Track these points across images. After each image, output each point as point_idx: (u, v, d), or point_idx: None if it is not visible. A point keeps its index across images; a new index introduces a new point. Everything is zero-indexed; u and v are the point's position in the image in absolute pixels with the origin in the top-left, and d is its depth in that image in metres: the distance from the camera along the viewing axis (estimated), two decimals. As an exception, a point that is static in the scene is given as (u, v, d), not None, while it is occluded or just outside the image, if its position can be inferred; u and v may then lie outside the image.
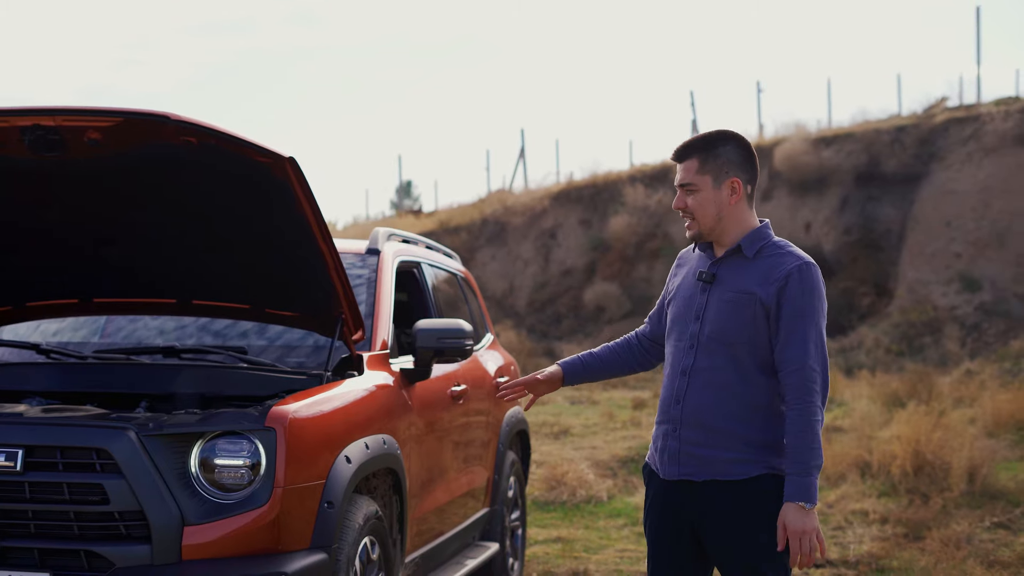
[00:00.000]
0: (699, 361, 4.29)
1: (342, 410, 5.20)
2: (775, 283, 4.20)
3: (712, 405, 4.25)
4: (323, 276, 5.29)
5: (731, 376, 4.25)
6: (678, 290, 4.46)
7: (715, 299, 4.31)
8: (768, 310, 4.20)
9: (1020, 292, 22.96)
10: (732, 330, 4.25)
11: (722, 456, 4.23)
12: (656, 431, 4.43)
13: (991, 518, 9.72)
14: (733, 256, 4.32)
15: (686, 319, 4.36)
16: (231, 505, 4.64)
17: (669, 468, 4.32)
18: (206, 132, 4.76)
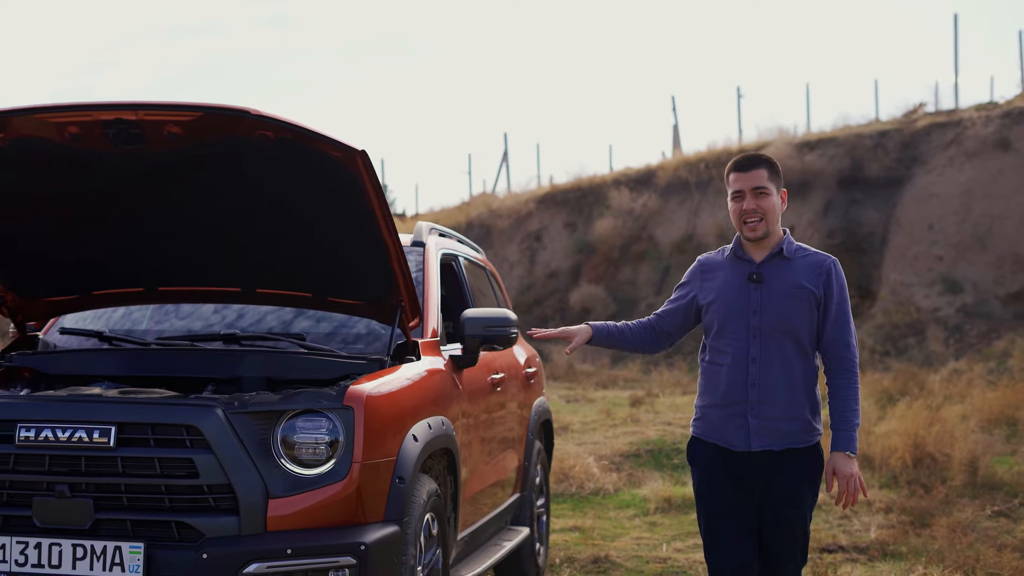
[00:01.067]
0: (765, 349, 5.04)
1: (408, 392, 5.46)
2: (820, 277, 5.04)
3: (782, 385, 5.03)
4: (385, 265, 5.54)
5: (792, 358, 5.04)
6: (721, 292, 5.14)
7: (770, 295, 5.05)
8: (819, 300, 5.02)
9: (1001, 294, 23.35)
10: (792, 319, 5.02)
11: (795, 428, 5.03)
12: (718, 412, 5.12)
13: (992, 507, 10.05)
14: (775, 258, 5.08)
15: (743, 314, 5.06)
16: (312, 479, 4.89)
17: (753, 441, 5.04)
18: (282, 126, 5.01)
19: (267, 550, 4.74)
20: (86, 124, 5.12)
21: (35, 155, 5.33)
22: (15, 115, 5.15)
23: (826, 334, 5.05)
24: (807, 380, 5.06)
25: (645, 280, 28.51)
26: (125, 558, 4.74)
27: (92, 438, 4.83)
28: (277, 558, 4.74)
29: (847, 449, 4.94)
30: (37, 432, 4.86)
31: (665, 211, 29.24)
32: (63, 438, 4.84)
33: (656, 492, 11.02)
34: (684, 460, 12.55)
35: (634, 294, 28.35)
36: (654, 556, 8.81)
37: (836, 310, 5.04)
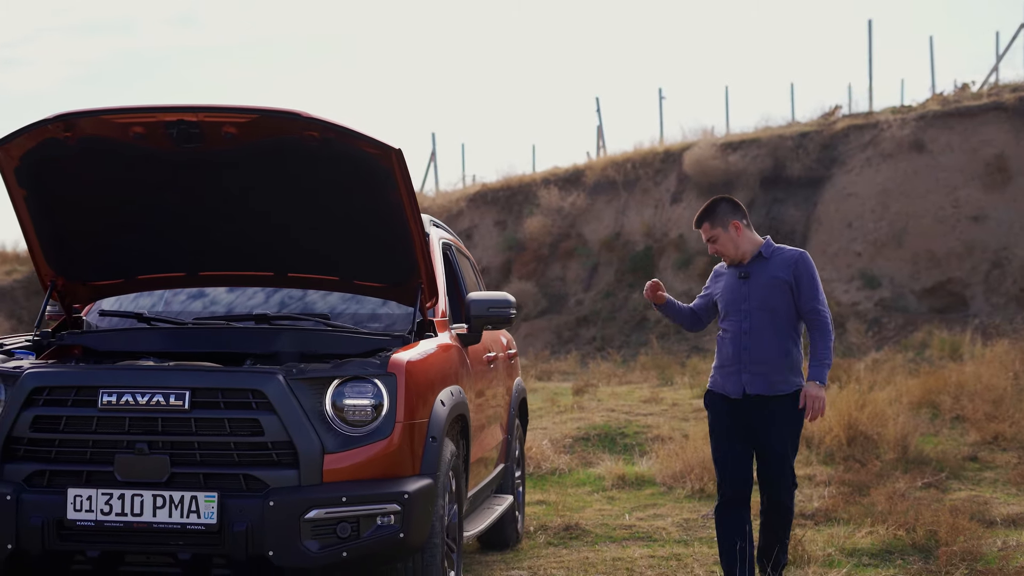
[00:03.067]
0: (753, 324, 6.85)
1: (434, 362, 6.18)
2: (790, 267, 6.85)
3: (766, 349, 6.82)
4: (410, 252, 6.24)
5: (772, 331, 6.84)
6: (724, 289, 6.99)
7: (755, 286, 6.87)
8: (791, 285, 6.82)
9: (916, 289, 24.44)
10: (771, 301, 6.83)
11: (779, 379, 6.81)
12: (722, 372, 6.96)
13: (922, 479, 10.93)
14: (757, 261, 6.92)
15: (737, 302, 6.91)
16: (360, 437, 5.58)
17: (750, 388, 6.83)
18: (328, 127, 5.70)
19: (325, 498, 5.43)
20: (150, 124, 5.77)
21: (98, 152, 5.96)
22: (85, 116, 5.80)
23: (802, 306, 6.84)
24: (788, 344, 6.82)
25: (574, 277, 29.33)
26: (201, 506, 5.40)
27: (169, 401, 5.48)
28: (334, 505, 5.43)
29: (818, 379, 6.70)
30: (119, 397, 5.51)
31: (593, 210, 30.06)
32: (142, 402, 5.49)
33: (610, 471, 11.77)
34: (631, 442, 13.45)
35: (563, 290, 29.16)
36: (619, 524, 9.56)
37: (806, 288, 6.83)
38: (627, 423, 14.49)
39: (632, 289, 27.78)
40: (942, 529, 8.30)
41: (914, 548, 8.27)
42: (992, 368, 16.13)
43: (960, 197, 24.70)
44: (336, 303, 7.31)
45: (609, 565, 7.97)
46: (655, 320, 26.69)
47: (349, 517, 5.46)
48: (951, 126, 25.41)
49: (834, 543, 8.42)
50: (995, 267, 23.96)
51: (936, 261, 24.47)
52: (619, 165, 30.33)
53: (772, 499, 6.88)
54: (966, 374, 15.79)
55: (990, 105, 25.28)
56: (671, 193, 28.93)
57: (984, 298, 23.81)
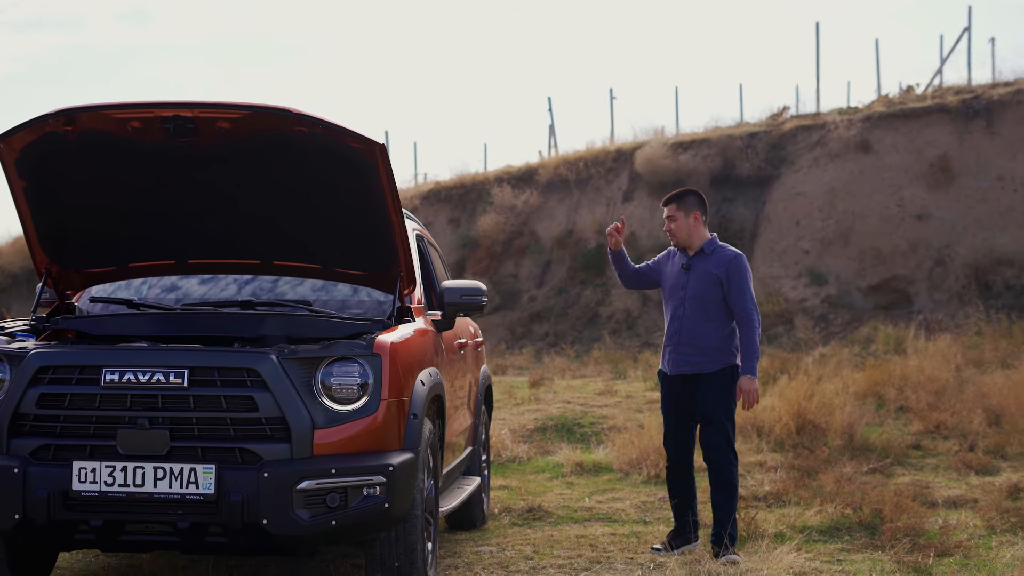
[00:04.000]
0: (687, 311, 7.87)
1: (415, 344, 6.56)
2: (724, 265, 7.82)
3: (696, 334, 7.84)
4: (390, 241, 6.62)
5: (702, 317, 7.84)
6: (668, 275, 8.02)
7: (693, 277, 7.87)
8: (722, 280, 7.80)
9: (862, 286, 25.04)
10: (704, 292, 7.83)
11: (704, 360, 7.83)
12: (666, 351, 8.01)
13: (868, 465, 11.42)
14: (699, 255, 7.91)
15: (676, 289, 7.93)
16: (348, 414, 5.96)
17: (676, 369, 7.91)
18: (316, 122, 6.07)
19: (315, 470, 5.81)
20: (148, 120, 6.13)
21: (96, 146, 6.30)
22: (86, 111, 6.14)
23: (731, 302, 7.80)
24: (717, 329, 7.81)
25: (527, 274, 29.75)
26: (199, 477, 5.77)
27: (168, 379, 5.85)
28: (324, 476, 5.81)
29: (750, 373, 7.73)
30: (121, 375, 5.87)
31: (546, 207, 30.49)
32: (143, 380, 5.85)
33: (568, 458, 12.18)
34: (588, 432, 13.86)
35: (517, 287, 29.57)
36: (580, 506, 9.98)
37: (735, 286, 7.79)
38: (583, 414, 14.91)
39: (584, 286, 28.24)
40: (887, 508, 8.78)
41: (860, 525, 8.74)
42: (934, 361, 16.70)
43: (905, 196, 25.33)
44: (306, 292, 7.68)
45: (573, 541, 8.38)
46: (607, 316, 27.14)
47: (338, 488, 5.84)
48: (896, 127, 26.06)
49: (785, 521, 8.88)
50: (938, 265, 24.59)
51: (881, 259, 25.07)
52: (571, 164, 30.77)
53: (709, 461, 7.84)
54: (910, 367, 16.31)
55: (934, 107, 25.94)
56: (623, 192, 29.40)
57: (928, 295, 24.42)
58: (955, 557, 7.75)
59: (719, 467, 7.79)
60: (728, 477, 7.77)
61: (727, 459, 7.79)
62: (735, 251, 7.90)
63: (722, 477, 7.78)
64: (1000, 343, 19.02)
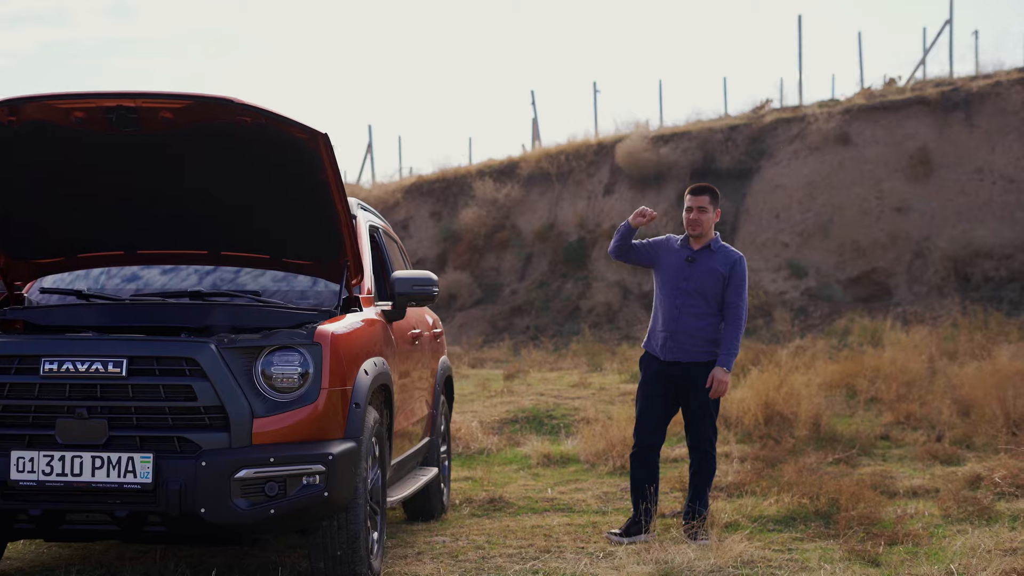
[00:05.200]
0: (686, 301, 8.14)
1: (359, 334, 6.57)
2: (729, 265, 8.17)
3: (693, 324, 8.14)
4: (336, 231, 6.62)
5: (703, 311, 8.15)
6: (670, 264, 8.21)
7: (699, 272, 8.14)
8: (725, 278, 8.15)
9: (842, 278, 25.07)
10: (707, 287, 8.13)
11: (697, 350, 8.15)
12: (657, 336, 8.23)
13: (833, 455, 11.44)
14: (705, 250, 8.21)
15: (677, 279, 8.17)
16: (288, 403, 5.97)
17: (671, 355, 8.16)
18: (260, 112, 6.06)
19: (254, 459, 5.82)
20: (91, 110, 6.11)
21: (41, 136, 6.29)
22: (29, 102, 6.13)
23: (725, 299, 8.16)
24: (711, 323, 8.14)
25: (509, 267, 29.74)
26: (137, 466, 5.78)
27: (107, 369, 5.85)
28: (262, 465, 5.82)
29: (725, 366, 8.06)
30: (59, 365, 5.86)
31: (527, 201, 30.48)
32: (82, 369, 5.85)
33: (536, 450, 12.19)
34: (558, 425, 13.87)
35: (498, 280, 29.56)
36: (542, 497, 9.99)
37: (735, 285, 8.16)
38: (555, 406, 14.93)
39: (565, 279, 28.25)
40: (843, 497, 8.80)
41: (816, 515, 8.76)
42: (908, 353, 16.73)
43: (884, 189, 25.36)
44: (267, 283, 7.68)
45: (528, 532, 8.39)
46: (588, 309, 27.14)
47: (276, 477, 5.85)
48: (876, 120, 26.08)
49: (742, 511, 8.89)
50: (917, 257, 24.62)
51: (861, 251, 25.10)
52: (553, 157, 30.76)
53: (698, 447, 8.23)
54: (884, 359, 16.35)
55: (914, 99, 25.96)
56: (604, 185, 29.41)
57: (907, 287, 24.46)
58: (906, 546, 7.77)
59: (707, 453, 8.25)
60: (712, 462, 8.30)
61: (713, 445, 8.29)
62: (738, 252, 8.29)
63: (708, 462, 8.26)
64: (975, 335, 19.04)
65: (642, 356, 8.41)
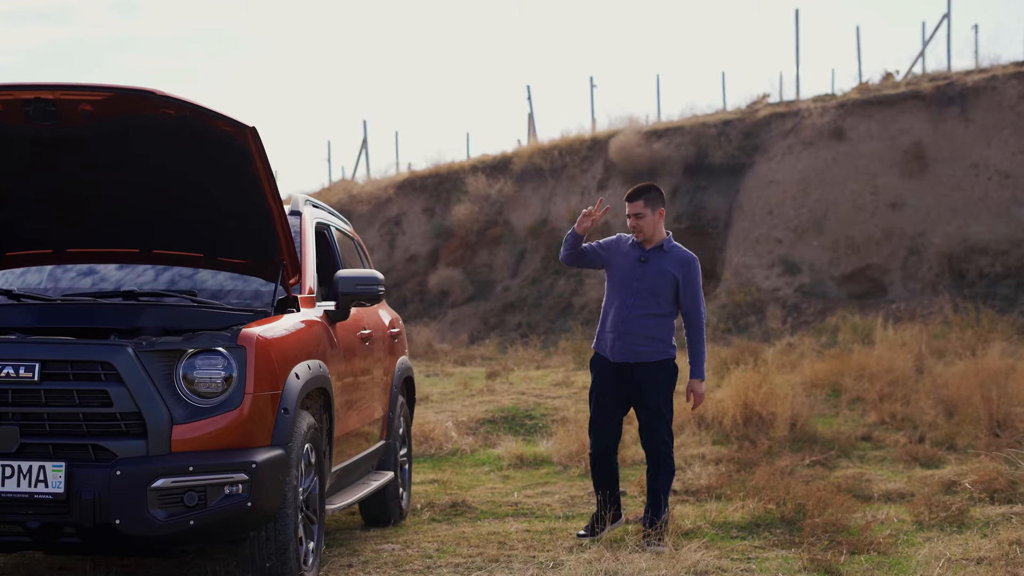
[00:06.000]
0: (636, 301, 7.97)
1: (290, 336, 6.30)
2: (682, 267, 8.00)
3: (643, 324, 7.97)
4: (270, 228, 6.36)
5: (654, 311, 7.97)
6: (621, 264, 8.05)
7: (650, 272, 7.98)
8: (677, 281, 7.98)
9: (836, 275, 24.78)
10: (659, 288, 7.97)
11: (647, 350, 7.98)
12: (606, 337, 8.07)
13: (810, 457, 11.17)
14: (657, 251, 8.03)
15: (629, 280, 8.01)
16: (210, 408, 5.71)
17: (620, 356, 8.00)
18: (183, 105, 5.80)
19: (172, 467, 5.56)
20: (8, 102, 5.85)
21: None
22: None
23: (683, 304, 8.02)
24: (662, 323, 7.98)
25: (501, 263, 29.48)
26: (49, 476, 5.52)
27: (19, 373, 5.59)
28: (180, 474, 5.56)
29: (698, 376, 8.03)
30: None
31: (520, 197, 30.22)
32: None
33: (509, 451, 11.94)
34: (536, 424, 13.62)
35: (490, 276, 29.30)
36: (506, 501, 9.73)
37: (690, 289, 8.00)
38: (535, 405, 14.67)
39: (558, 276, 27.98)
40: (809, 503, 8.52)
41: (782, 521, 8.49)
42: (896, 351, 16.46)
43: (879, 184, 25.07)
44: (224, 281, 7.40)
45: (483, 539, 8.13)
46: (580, 307, 26.89)
47: (196, 486, 5.59)
48: (870, 114, 25.78)
49: (707, 517, 8.62)
50: (912, 253, 24.34)
51: (855, 247, 24.81)
52: (546, 153, 30.50)
53: (651, 448, 8.05)
54: (872, 357, 16.08)
55: (908, 94, 25.66)
56: (597, 180, 29.14)
57: (902, 284, 24.18)
58: (870, 555, 7.50)
59: (663, 455, 8.05)
60: (670, 464, 8.07)
61: (669, 447, 8.07)
62: (690, 253, 8.12)
63: (665, 464, 8.05)
64: (966, 333, 18.76)
65: (592, 357, 8.27)
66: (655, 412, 8.01)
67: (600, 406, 8.16)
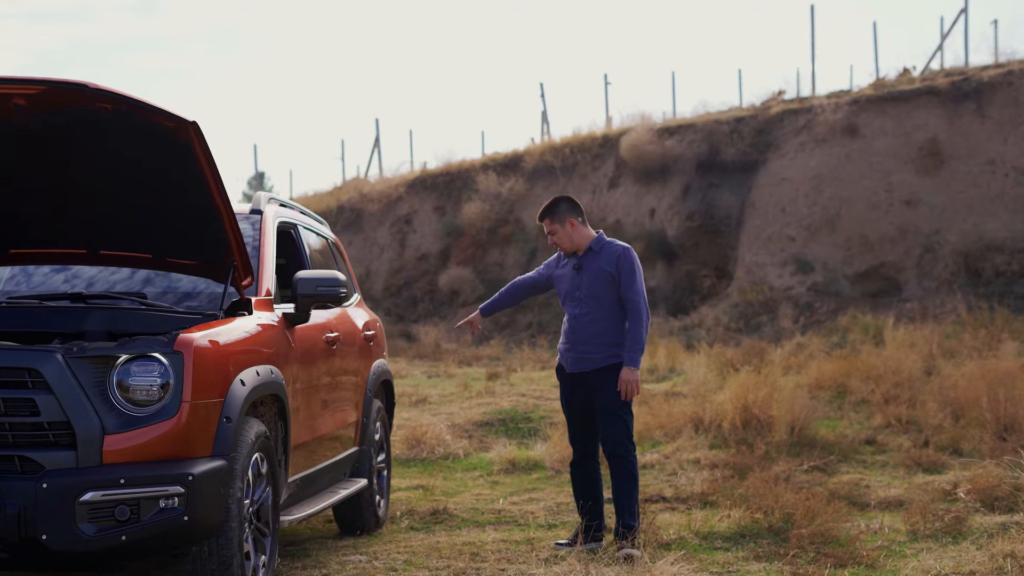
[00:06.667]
0: (582, 310, 7.86)
1: (237, 341, 6.00)
2: (614, 261, 7.81)
3: (592, 332, 7.84)
4: (218, 228, 6.06)
5: (600, 315, 7.83)
6: (562, 277, 7.99)
7: (586, 277, 7.86)
8: (614, 277, 7.79)
9: (849, 273, 24.37)
10: (598, 290, 7.82)
11: (601, 356, 7.80)
12: (563, 348, 8.00)
13: (809, 462, 10.82)
14: (588, 254, 7.89)
15: (572, 290, 7.92)
16: (145, 417, 5.42)
17: (575, 366, 7.88)
18: (119, 99, 5.51)
19: (102, 480, 5.27)
20: None
21: None
22: None
23: (622, 294, 7.80)
24: (613, 326, 7.81)
25: (512, 262, 29.15)
26: None
27: None
28: (111, 487, 5.27)
29: (631, 364, 7.71)
30: None
31: (531, 195, 29.89)
32: None
33: (502, 455, 11.62)
34: (533, 427, 13.27)
35: (502, 275, 28.95)
36: (490, 508, 9.41)
37: (625, 278, 7.79)
38: (534, 407, 14.35)
39: (569, 275, 27.61)
40: (798, 512, 8.18)
41: (769, 531, 8.16)
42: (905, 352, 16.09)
43: (893, 181, 24.65)
44: (198, 283, 7.10)
45: (456, 549, 7.82)
46: (591, 306, 26.53)
47: (128, 500, 5.31)
48: (885, 110, 25.34)
49: (691, 527, 8.30)
50: (927, 251, 23.94)
51: (869, 245, 24.41)
52: (558, 151, 30.17)
53: (609, 453, 7.80)
54: (881, 358, 15.72)
55: (923, 89, 25.22)
56: (608, 178, 28.80)
57: (916, 282, 23.79)
58: (856, 568, 7.16)
59: (621, 460, 7.78)
60: (630, 469, 7.77)
61: (628, 451, 7.79)
62: (623, 245, 7.93)
63: (624, 469, 7.76)
64: (979, 332, 18.37)
65: (556, 368, 8.20)
66: (610, 415, 7.79)
67: (568, 415, 8.12)
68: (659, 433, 12.45)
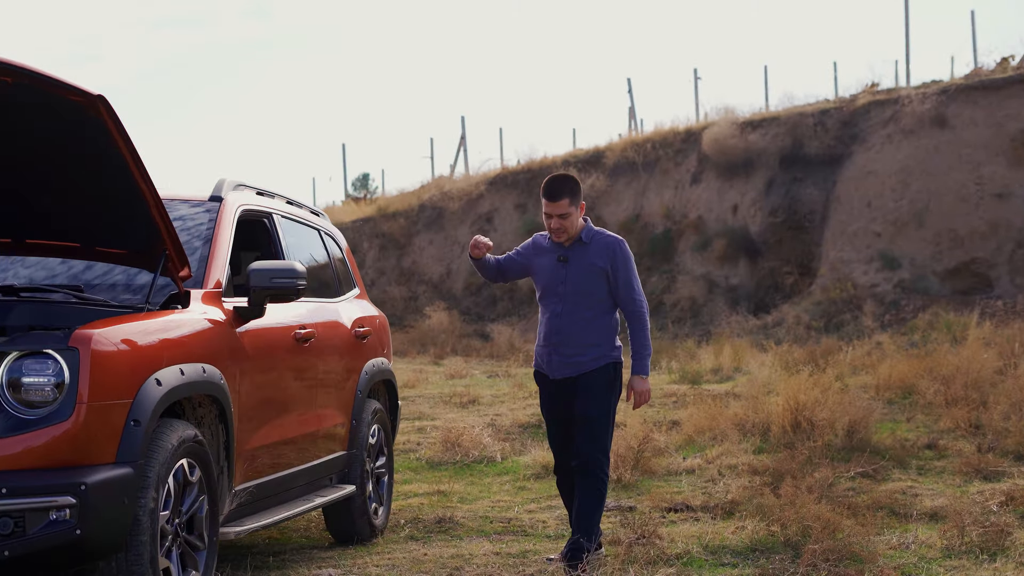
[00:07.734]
0: (565, 307, 7.10)
1: (156, 336, 5.47)
2: (608, 255, 7.08)
3: (578, 332, 7.09)
4: (144, 214, 5.55)
5: (585, 314, 7.10)
6: (543, 268, 7.20)
7: (573, 271, 7.09)
8: (607, 272, 7.08)
9: (938, 269, 23.39)
10: (586, 286, 7.07)
11: (588, 358, 7.08)
12: (542, 351, 7.25)
13: (856, 468, 10.06)
14: (577, 244, 7.13)
15: (554, 285, 7.13)
16: (36, 420, 4.91)
17: (557, 372, 7.16)
18: (18, 71, 5.00)
19: None
20: None
21: None
22: None
23: (618, 295, 7.11)
24: (599, 325, 7.09)
25: (592, 260, 28.53)
26: None
27: None
28: None
29: (641, 373, 7.09)
30: None
31: (613, 191, 29.26)
32: None
33: (536, 459, 11.03)
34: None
35: (581, 274, 28.38)
36: (501, 517, 8.83)
37: (622, 277, 7.08)
38: (585, 409, 13.72)
39: (650, 272, 26.97)
40: (816, 525, 7.47)
41: (785, 545, 7.45)
42: (984, 351, 15.21)
43: (984, 174, 23.60)
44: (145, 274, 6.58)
45: (439, 563, 7.23)
46: (671, 304, 25.91)
47: (12, 511, 4.80)
48: (975, 101, 24.27)
49: (701, 540, 7.64)
50: (1020, 246, 22.91)
51: (958, 241, 23.41)
52: (639, 146, 29.49)
53: (582, 468, 7.07)
54: (957, 357, 14.87)
55: (1016, 78, 24.11)
56: (691, 174, 28.06)
57: (1009, 278, 22.77)
58: (867, 588, 6.46)
59: (593, 477, 7.08)
60: (599, 488, 7.08)
61: (601, 468, 7.09)
62: (615, 236, 7.24)
63: (593, 488, 7.07)
64: (1068, 331, 17.38)
65: (534, 373, 7.45)
66: (592, 424, 7.06)
67: (550, 423, 7.40)
68: (707, 436, 11.77)
